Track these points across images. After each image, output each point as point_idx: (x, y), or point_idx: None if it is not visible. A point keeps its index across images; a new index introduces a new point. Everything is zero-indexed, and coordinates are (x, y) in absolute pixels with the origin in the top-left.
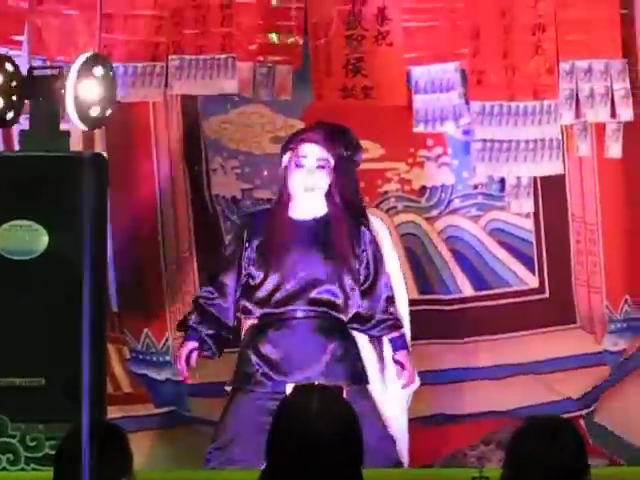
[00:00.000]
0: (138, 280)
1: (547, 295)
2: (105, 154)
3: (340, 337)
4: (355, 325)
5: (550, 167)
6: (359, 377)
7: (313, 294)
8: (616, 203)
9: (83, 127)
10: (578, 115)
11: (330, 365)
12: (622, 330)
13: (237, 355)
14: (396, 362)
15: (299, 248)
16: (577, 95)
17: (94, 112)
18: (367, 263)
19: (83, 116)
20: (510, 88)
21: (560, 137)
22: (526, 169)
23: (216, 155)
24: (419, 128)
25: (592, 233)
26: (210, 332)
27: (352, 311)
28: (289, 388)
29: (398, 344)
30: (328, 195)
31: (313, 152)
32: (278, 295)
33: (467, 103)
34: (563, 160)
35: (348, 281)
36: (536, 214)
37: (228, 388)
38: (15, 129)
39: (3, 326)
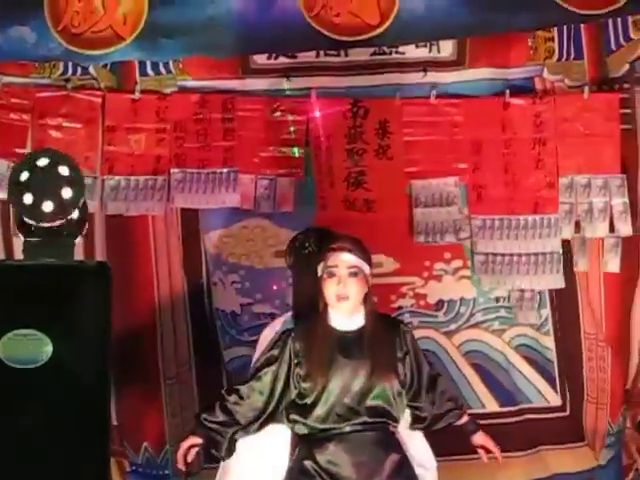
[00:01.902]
0: (137, 393)
1: (567, 413)
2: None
3: (396, 450)
4: (417, 426)
5: (552, 281)
6: None
7: (367, 406)
8: (617, 316)
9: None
10: (577, 230)
11: (388, 479)
12: (613, 444)
13: (291, 466)
14: (477, 446)
15: (348, 361)
16: (576, 210)
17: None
18: (411, 364)
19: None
20: (511, 202)
21: (560, 251)
22: (528, 282)
23: (216, 269)
24: (419, 240)
25: (602, 350)
26: (227, 433)
27: (401, 416)
28: None
29: (471, 428)
30: (365, 302)
31: (344, 260)
32: (336, 411)
33: (468, 217)
34: (565, 273)
35: (396, 387)
36: (555, 330)
37: None
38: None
39: (5, 435)
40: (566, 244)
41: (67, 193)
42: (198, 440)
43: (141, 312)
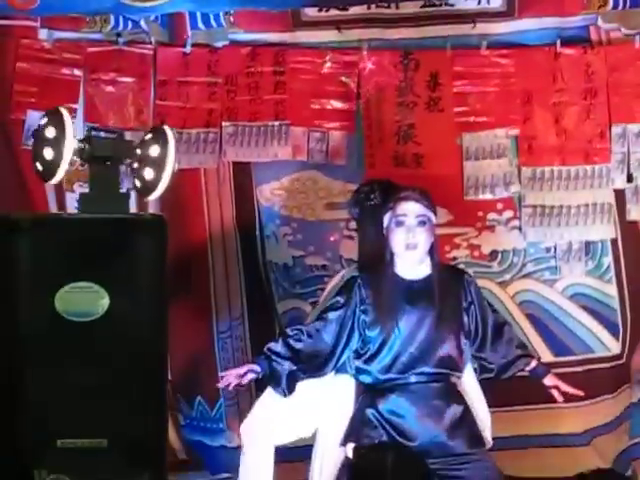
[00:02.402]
0: (191, 347)
1: (624, 361)
2: (165, 215)
3: (457, 401)
4: (486, 375)
5: (602, 231)
6: (477, 440)
7: (433, 357)
8: None
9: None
10: (630, 179)
11: (450, 430)
12: None
13: (354, 415)
14: (550, 387)
15: (414, 310)
16: (629, 159)
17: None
18: (476, 315)
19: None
20: (561, 153)
21: (613, 201)
22: (577, 233)
23: (269, 222)
24: (469, 197)
25: None
26: (289, 368)
27: (465, 367)
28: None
29: (540, 372)
30: (431, 252)
31: (412, 210)
32: (401, 360)
33: (518, 169)
34: (621, 223)
35: (462, 338)
36: (619, 278)
37: (349, 446)
38: (69, 194)
39: (65, 388)
40: (620, 194)
41: None
42: (257, 367)
43: (194, 266)
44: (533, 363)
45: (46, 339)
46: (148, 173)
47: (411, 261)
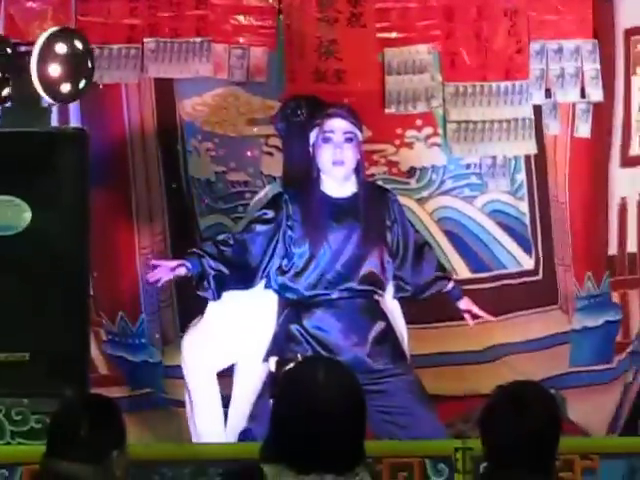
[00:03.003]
0: (112, 263)
1: (540, 277)
2: (87, 129)
3: (381, 318)
4: (401, 294)
5: (524, 146)
6: (400, 355)
7: (358, 274)
8: (582, 181)
9: (52, 102)
10: (548, 95)
11: (374, 346)
12: (585, 308)
13: (277, 331)
14: (464, 311)
15: (340, 227)
16: (547, 75)
17: (64, 88)
18: (398, 234)
19: (51, 91)
20: (483, 69)
21: (532, 117)
22: (500, 149)
23: (191, 137)
24: (391, 110)
25: (563, 212)
26: (218, 269)
27: (388, 285)
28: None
29: (456, 294)
30: (357, 170)
31: (340, 126)
32: (327, 277)
33: (443, 85)
34: (537, 140)
35: (385, 256)
36: (530, 194)
37: (272, 360)
38: None
39: None
40: (537, 110)
41: None
42: (188, 264)
43: (115, 181)
44: (450, 285)
45: None
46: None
47: (338, 178)
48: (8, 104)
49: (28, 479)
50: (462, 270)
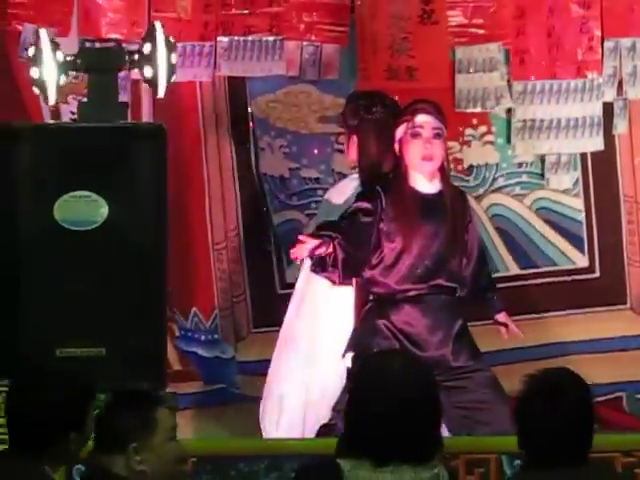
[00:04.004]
0: (186, 259)
1: (597, 275)
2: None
3: (461, 315)
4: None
5: (591, 144)
6: (477, 353)
7: (445, 271)
8: None
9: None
10: (620, 93)
11: (455, 343)
12: None
13: (358, 324)
14: (500, 324)
15: (429, 223)
16: (620, 73)
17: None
18: (472, 234)
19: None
20: (553, 66)
21: (601, 114)
22: (566, 146)
23: (264, 134)
24: (461, 108)
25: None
26: (347, 252)
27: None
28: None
29: (498, 306)
30: (442, 167)
31: (429, 122)
32: (417, 272)
33: (509, 83)
34: (605, 137)
35: (463, 255)
36: (587, 193)
37: (348, 356)
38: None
39: (63, 297)
40: (608, 107)
41: None
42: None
43: (189, 178)
44: (495, 297)
45: (45, 248)
46: (147, 71)
47: (426, 173)
48: (84, 99)
49: None
50: (512, 266)
